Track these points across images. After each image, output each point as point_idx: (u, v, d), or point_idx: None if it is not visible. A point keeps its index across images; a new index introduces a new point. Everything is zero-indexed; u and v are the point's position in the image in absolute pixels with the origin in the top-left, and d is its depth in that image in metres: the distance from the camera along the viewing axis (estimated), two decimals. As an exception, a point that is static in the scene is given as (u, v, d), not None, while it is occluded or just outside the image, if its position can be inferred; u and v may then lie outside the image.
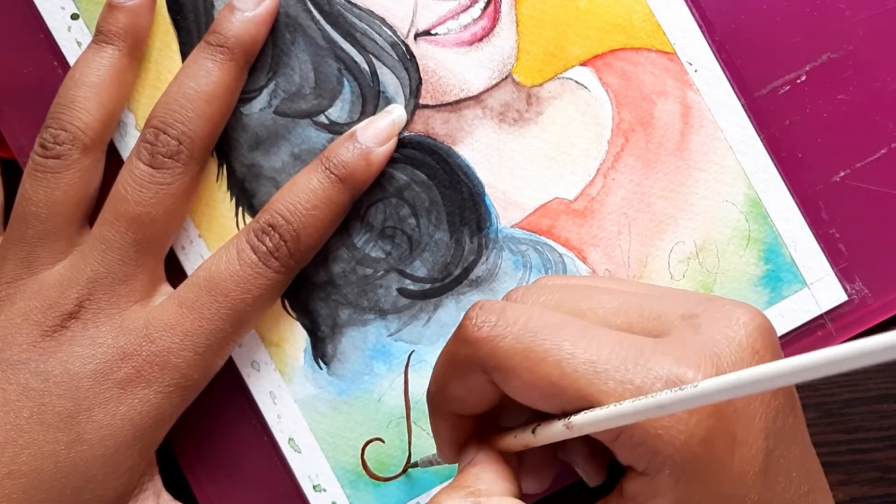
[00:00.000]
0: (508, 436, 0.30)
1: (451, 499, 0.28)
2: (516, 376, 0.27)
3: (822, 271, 0.36)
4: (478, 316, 0.28)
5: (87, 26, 0.37)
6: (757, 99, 0.37)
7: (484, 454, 0.30)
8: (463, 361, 0.28)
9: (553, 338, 0.27)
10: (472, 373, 0.28)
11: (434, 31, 0.37)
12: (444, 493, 0.29)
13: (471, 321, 0.28)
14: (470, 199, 0.37)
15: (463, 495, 0.28)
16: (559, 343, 0.27)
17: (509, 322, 0.28)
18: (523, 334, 0.27)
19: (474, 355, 0.28)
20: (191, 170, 0.35)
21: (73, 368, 0.33)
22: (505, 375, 0.27)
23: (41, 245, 0.34)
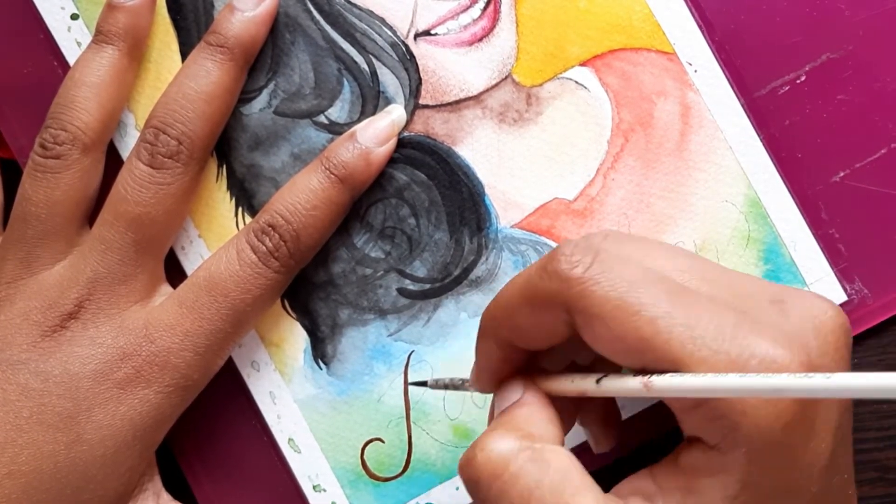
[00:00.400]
0: (563, 379, 0.29)
1: (505, 439, 0.27)
2: (604, 324, 0.26)
3: (821, 271, 0.36)
4: (573, 253, 0.27)
5: (87, 26, 0.37)
6: (756, 99, 0.37)
7: (532, 395, 0.29)
8: (545, 295, 0.27)
9: (650, 293, 0.26)
10: (551, 309, 0.27)
11: (434, 32, 0.37)
12: (494, 433, 0.28)
13: (564, 256, 0.27)
14: (470, 200, 0.37)
15: (516, 437, 0.27)
16: (656, 300, 0.26)
17: (605, 267, 0.26)
18: (619, 283, 0.26)
19: (561, 293, 0.27)
20: (190, 170, 0.35)
21: (73, 368, 0.33)
22: (591, 321, 0.26)
23: (41, 245, 0.34)
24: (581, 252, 0.27)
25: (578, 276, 0.26)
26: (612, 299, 0.26)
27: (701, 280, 0.28)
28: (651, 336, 0.25)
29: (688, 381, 0.25)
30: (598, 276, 0.26)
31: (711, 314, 0.26)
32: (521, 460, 0.27)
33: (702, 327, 0.25)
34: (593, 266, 0.27)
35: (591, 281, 0.26)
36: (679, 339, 0.25)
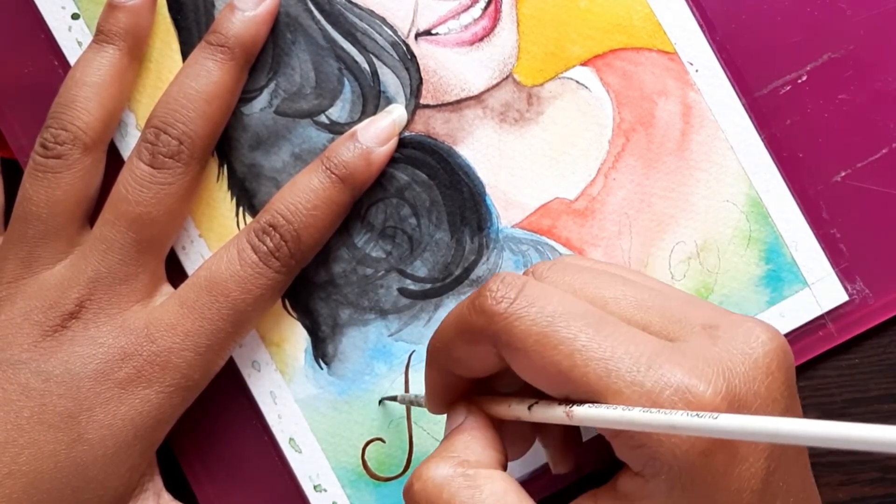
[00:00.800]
0: (502, 403, 0.30)
1: (440, 467, 0.28)
2: (526, 358, 0.27)
3: (822, 271, 0.36)
4: (498, 290, 0.28)
5: (88, 26, 0.37)
6: (758, 99, 0.37)
7: (474, 419, 0.30)
8: (474, 330, 0.28)
9: (569, 326, 0.27)
10: (481, 342, 0.28)
11: (435, 31, 0.37)
12: (431, 460, 0.28)
13: (490, 293, 0.28)
14: (470, 199, 0.37)
15: (452, 465, 0.28)
16: (575, 333, 0.27)
17: (528, 302, 0.27)
18: (540, 318, 0.27)
19: (487, 328, 0.28)
20: (191, 170, 0.35)
21: (74, 368, 0.33)
22: (515, 354, 0.27)
23: (42, 245, 0.34)
24: (507, 287, 0.28)
25: (502, 311, 0.27)
26: (532, 334, 0.27)
27: (635, 308, 0.28)
28: (569, 369, 0.26)
29: (601, 413, 0.26)
30: (520, 311, 0.27)
31: (629, 345, 0.26)
32: (455, 486, 0.27)
33: (617, 359, 0.26)
34: (517, 301, 0.27)
35: (513, 316, 0.27)
36: (595, 372, 0.26)
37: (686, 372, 0.26)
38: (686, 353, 0.27)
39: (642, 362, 0.26)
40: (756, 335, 0.28)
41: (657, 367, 0.26)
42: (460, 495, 0.27)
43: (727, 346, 0.27)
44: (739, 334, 0.28)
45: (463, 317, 0.29)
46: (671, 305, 0.29)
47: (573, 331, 0.27)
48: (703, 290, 0.37)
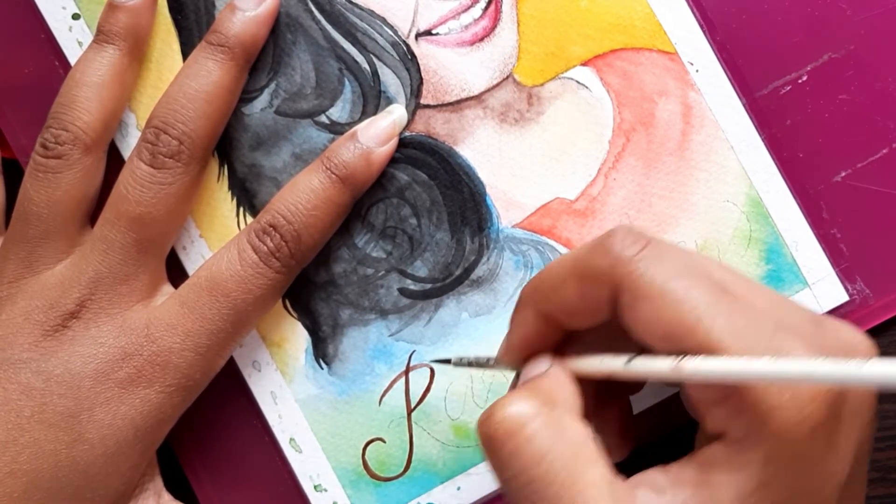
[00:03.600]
0: (592, 359, 0.29)
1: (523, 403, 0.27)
2: (649, 306, 0.27)
3: (823, 271, 0.36)
4: (627, 235, 0.28)
5: (89, 26, 0.37)
6: (758, 99, 0.37)
7: (558, 368, 0.29)
8: (594, 270, 0.28)
9: (698, 284, 0.26)
10: (599, 284, 0.28)
11: (435, 31, 0.37)
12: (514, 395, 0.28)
13: (619, 237, 0.28)
14: (471, 199, 0.37)
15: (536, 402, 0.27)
16: (703, 291, 0.26)
17: (657, 253, 0.27)
18: (668, 269, 0.27)
19: (612, 269, 0.27)
20: (192, 170, 0.35)
21: (75, 368, 0.33)
22: (636, 301, 0.27)
23: (42, 245, 0.34)
24: (635, 236, 0.28)
25: (631, 256, 0.27)
26: (660, 283, 0.27)
27: (746, 290, 0.28)
28: (693, 323, 0.26)
29: (719, 365, 0.25)
30: (649, 259, 0.27)
31: (753, 315, 0.26)
32: (538, 424, 0.27)
33: (743, 323, 0.26)
34: (646, 250, 0.27)
35: (642, 262, 0.27)
36: (720, 331, 0.26)
37: (808, 348, 0.26)
38: (803, 335, 0.26)
39: (767, 331, 0.26)
40: (860, 340, 0.28)
41: (781, 339, 0.26)
42: (542, 433, 0.27)
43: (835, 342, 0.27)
44: (844, 334, 0.28)
45: (584, 256, 0.28)
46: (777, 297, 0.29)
47: (700, 289, 0.26)
48: (703, 290, 0.37)
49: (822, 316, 0.29)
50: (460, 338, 0.37)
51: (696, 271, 0.27)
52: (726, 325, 0.26)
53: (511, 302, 0.37)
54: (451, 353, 0.37)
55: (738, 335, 0.26)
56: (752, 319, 0.26)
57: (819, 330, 0.27)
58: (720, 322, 0.26)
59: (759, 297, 0.28)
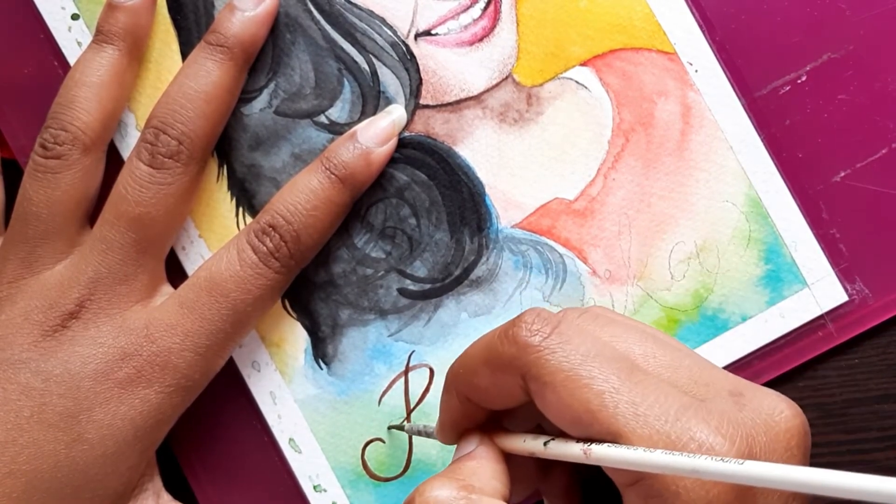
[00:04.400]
0: (516, 438, 0.30)
1: (444, 488, 0.28)
2: (554, 393, 0.27)
3: (822, 271, 0.36)
4: (534, 322, 0.28)
5: (88, 26, 0.37)
6: (757, 99, 0.37)
7: (484, 449, 0.30)
8: (503, 359, 0.28)
9: (602, 368, 0.27)
10: (508, 373, 0.28)
11: (434, 31, 0.37)
12: (436, 480, 0.28)
13: (525, 324, 0.28)
14: (470, 200, 0.37)
15: (456, 487, 0.28)
16: (607, 375, 0.27)
17: (563, 339, 0.27)
18: (574, 355, 0.27)
19: (518, 358, 0.28)
20: (191, 170, 0.35)
21: (74, 368, 0.33)
22: (543, 388, 0.27)
23: (42, 245, 0.34)
24: (542, 322, 0.28)
25: (535, 344, 0.27)
26: (564, 370, 0.27)
27: (663, 367, 0.28)
28: (597, 409, 0.26)
29: (621, 453, 0.26)
30: (554, 346, 0.27)
31: (659, 395, 0.27)
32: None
33: (647, 406, 0.26)
34: (551, 336, 0.27)
35: (546, 350, 0.27)
36: (623, 415, 0.26)
37: (712, 430, 0.26)
38: (713, 413, 0.27)
39: (670, 413, 0.26)
40: (780, 409, 0.28)
41: (685, 420, 0.26)
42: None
43: (752, 414, 0.27)
44: (765, 405, 0.28)
45: (493, 345, 0.29)
46: (699, 368, 0.29)
47: (605, 373, 0.27)
48: (702, 290, 0.37)
49: (745, 385, 0.29)
50: (459, 338, 0.37)
51: (605, 353, 0.27)
52: (629, 409, 0.26)
53: (510, 302, 0.37)
54: (451, 352, 0.37)
55: (640, 420, 0.26)
56: (656, 402, 0.26)
57: (736, 404, 0.27)
58: (623, 408, 0.26)
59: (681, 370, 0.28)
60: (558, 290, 0.37)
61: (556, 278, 0.37)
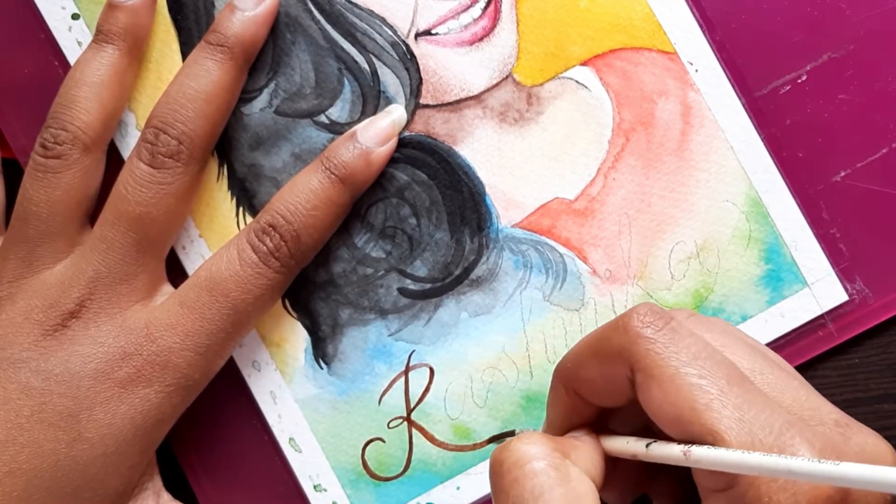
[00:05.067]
0: (619, 439, 0.29)
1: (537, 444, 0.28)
2: (660, 388, 0.27)
3: (822, 271, 0.36)
4: (646, 314, 0.28)
5: (88, 26, 0.37)
6: (757, 99, 0.37)
7: (588, 438, 0.30)
8: (613, 350, 0.28)
9: (711, 371, 0.27)
10: (617, 364, 0.28)
11: (434, 31, 0.37)
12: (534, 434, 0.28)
13: (637, 316, 0.28)
14: (470, 199, 0.37)
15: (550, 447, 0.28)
16: (715, 378, 0.27)
17: (675, 336, 0.27)
18: (684, 353, 0.27)
19: (628, 349, 0.27)
20: (191, 169, 0.35)
21: (74, 367, 0.33)
22: (649, 381, 0.27)
23: (42, 244, 0.34)
24: (655, 315, 0.28)
25: (647, 335, 0.27)
26: (673, 365, 0.27)
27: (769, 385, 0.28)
28: (702, 409, 0.26)
29: (721, 455, 0.25)
30: (666, 340, 0.27)
31: (765, 408, 0.26)
32: (545, 464, 0.27)
33: (752, 414, 0.26)
34: (664, 331, 0.27)
35: (658, 343, 0.27)
36: (728, 418, 0.26)
37: (815, 452, 0.26)
38: (817, 436, 0.26)
39: (775, 426, 0.26)
40: (883, 449, 0.28)
41: (789, 436, 0.26)
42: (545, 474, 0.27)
43: (856, 448, 0.27)
44: (869, 442, 0.28)
45: (603, 335, 0.29)
46: (806, 393, 0.29)
47: (713, 376, 0.27)
48: (703, 289, 0.37)
49: (850, 420, 0.29)
50: (459, 337, 0.37)
51: (714, 358, 0.27)
52: (734, 414, 0.26)
53: (510, 302, 0.37)
54: (451, 352, 0.37)
55: (744, 427, 0.26)
56: (761, 413, 0.26)
57: (841, 435, 0.27)
58: (728, 413, 0.26)
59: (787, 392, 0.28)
60: (558, 290, 0.37)
61: (556, 278, 0.37)
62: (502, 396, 0.37)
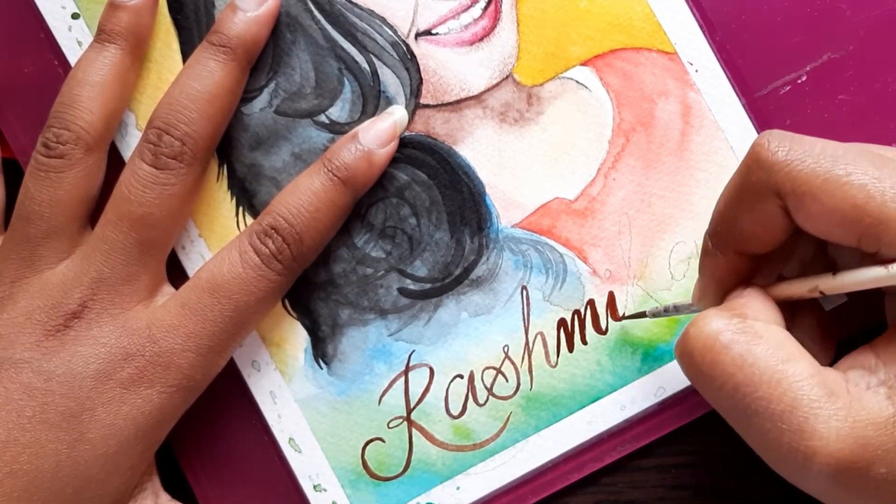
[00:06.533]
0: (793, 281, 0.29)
1: (717, 318, 0.28)
2: (815, 199, 0.27)
3: (822, 271, 0.36)
4: (771, 141, 0.28)
5: (88, 26, 0.37)
6: (758, 99, 0.37)
7: (753, 290, 0.30)
8: (755, 188, 0.28)
9: (856, 163, 0.27)
10: (765, 200, 0.28)
11: (435, 31, 0.37)
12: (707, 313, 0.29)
13: (764, 146, 0.28)
14: (470, 199, 0.37)
15: (728, 316, 0.28)
16: (864, 167, 0.27)
17: (807, 147, 0.27)
18: (823, 159, 0.27)
19: (769, 180, 0.28)
20: (194, 170, 0.35)
21: (76, 368, 0.33)
22: (802, 200, 0.27)
23: (44, 244, 0.34)
24: (779, 138, 0.28)
25: (783, 159, 0.28)
26: (819, 174, 0.27)
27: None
28: (864, 201, 0.26)
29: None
30: (800, 156, 0.27)
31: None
32: (732, 332, 0.28)
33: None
34: (793, 148, 0.28)
35: (795, 161, 0.27)
36: (893, 199, 0.26)
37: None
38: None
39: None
40: None
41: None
42: (738, 341, 0.28)
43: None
44: None
45: (740, 180, 0.29)
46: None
47: (861, 166, 0.27)
48: (702, 290, 0.37)
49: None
50: (460, 337, 0.37)
51: (851, 151, 0.27)
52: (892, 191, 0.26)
53: (510, 302, 0.37)
54: (451, 352, 0.37)
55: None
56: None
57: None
58: (890, 193, 0.26)
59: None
60: (558, 290, 0.37)
61: (556, 278, 0.37)
62: (502, 396, 0.37)
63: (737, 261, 0.30)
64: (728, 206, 0.30)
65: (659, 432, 0.37)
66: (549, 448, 0.37)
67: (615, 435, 0.37)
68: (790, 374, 0.27)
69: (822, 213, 0.27)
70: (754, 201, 0.29)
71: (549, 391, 0.37)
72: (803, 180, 0.27)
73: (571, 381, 0.37)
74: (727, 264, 0.30)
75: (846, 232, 0.27)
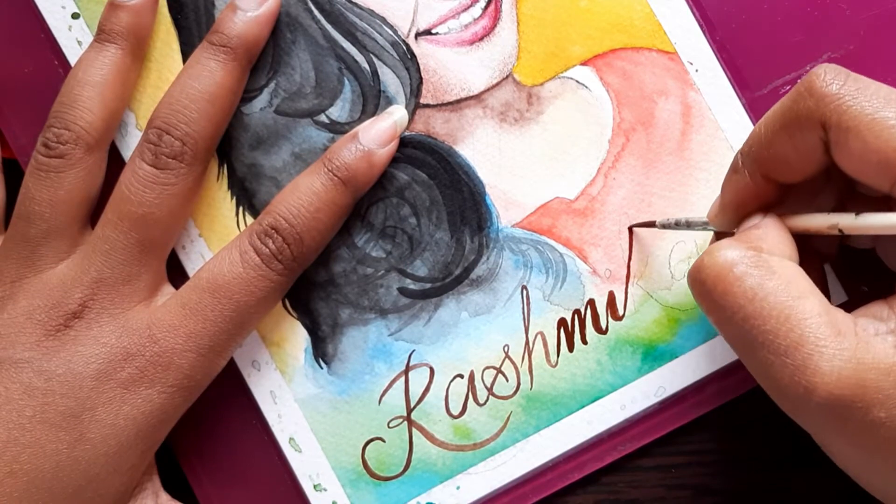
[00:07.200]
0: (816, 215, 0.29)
1: (731, 249, 0.28)
2: (860, 138, 0.27)
3: (822, 271, 0.37)
4: (827, 73, 0.28)
5: (88, 25, 0.37)
6: (758, 98, 0.37)
7: (770, 220, 0.30)
8: (801, 115, 0.28)
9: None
10: (808, 129, 0.28)
11: (435, 31, 0.37)
12: (723, 243, 0.29)
13: (819, 77, 0.28)
14: (470, 199, 0.37)
15: (744, 247, 0.28)
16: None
17: (861, 85, 0.28)
18: (874, 99, 0.27)
19: (817, 109, 0.28)
20: (194, 170, 0.35)
21: (77, 368, 0.33)
22: (846, 135, 0.27)
23: (44, 244, 0.34)
24: (835, 72, 0.28)
25: (835, 92, 0.28)
26: (867, 113, 0.27)
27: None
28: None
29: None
30: (853, 92, 0.27)
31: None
32: (746, 264, 0.28)
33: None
34: (847, 84, 0.28)
35: (847, 96, 0.27)
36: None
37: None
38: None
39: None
40: None
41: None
42: (751, 273, 0.28)
43: None
44: None
45: (788, 105, 0.29)
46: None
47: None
48: (702, 289, 0.37)
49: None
50: (460, 337, 0.37)
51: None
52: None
53: (511, 301, 0.37)
54: (451, 352, 0.37)
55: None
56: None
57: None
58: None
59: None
60: (558, 290, 0.37)
61: (556, 277, 0.37)
62: (502, 396, 0.37)
63: (763, 185, 0.30)
64: (768, 129, 0.30)
65: (659, 432, 0.37)
66: (550, 448, 0.37)
67: (615, 434, 0.37)
68: (799, 310, 0.27)
69: (863, 152, 0.27)
70: (796, 129, 0.29)
71: (549, 391, 0.37)
72: (851, 116, 0.27)
73: (571, 380, 0.37)
74: (752, 186, 0.30)
75: (881, 175, 0.27)
